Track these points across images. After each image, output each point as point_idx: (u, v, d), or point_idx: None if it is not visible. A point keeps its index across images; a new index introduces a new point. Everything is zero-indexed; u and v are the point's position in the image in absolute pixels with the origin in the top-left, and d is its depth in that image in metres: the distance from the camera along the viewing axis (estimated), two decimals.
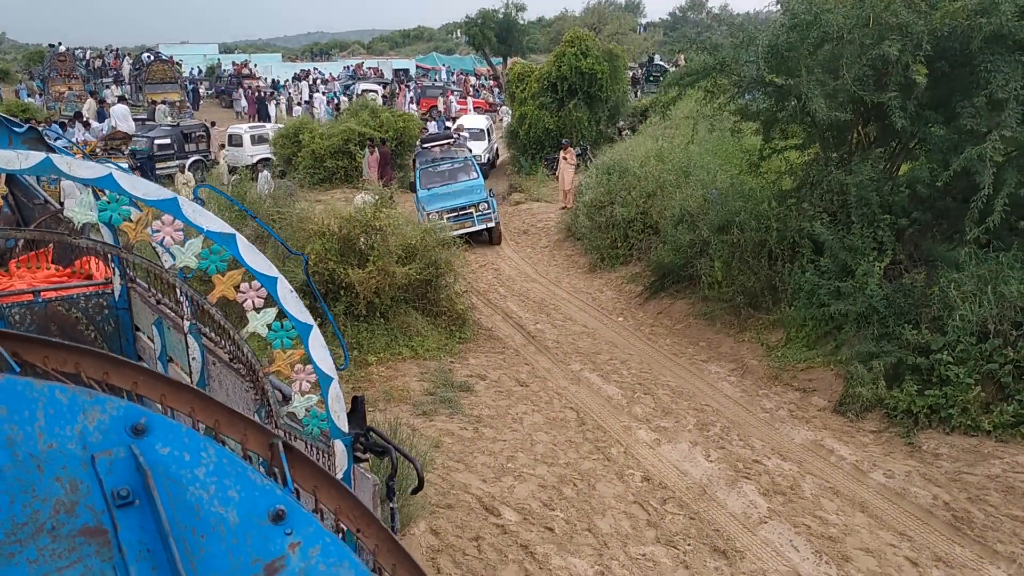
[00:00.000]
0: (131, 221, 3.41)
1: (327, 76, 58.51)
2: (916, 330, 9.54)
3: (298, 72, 59.06)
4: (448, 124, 36.35)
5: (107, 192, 3.30)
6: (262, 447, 1.63)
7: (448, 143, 21.73)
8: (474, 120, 30.64)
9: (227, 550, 1.40)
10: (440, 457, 8.91)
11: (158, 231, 3.42)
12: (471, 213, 18.61)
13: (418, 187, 19.64)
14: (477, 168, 20.34)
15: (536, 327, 13.70)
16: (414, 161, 21.11)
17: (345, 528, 1.64)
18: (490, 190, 19.67)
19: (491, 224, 19.00)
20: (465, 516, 7.90)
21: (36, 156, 3.14)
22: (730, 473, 8.66)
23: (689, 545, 7.44)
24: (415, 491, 3.54)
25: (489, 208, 18.85)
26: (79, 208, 3.30)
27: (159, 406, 1.65)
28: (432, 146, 21.41)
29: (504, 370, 11.75)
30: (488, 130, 28.91)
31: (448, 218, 17.69)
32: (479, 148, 26.25)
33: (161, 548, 1.34)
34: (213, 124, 30.08)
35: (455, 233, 16.40)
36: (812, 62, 10.22)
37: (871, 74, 10.32)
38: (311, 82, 53.04)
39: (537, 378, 11.44)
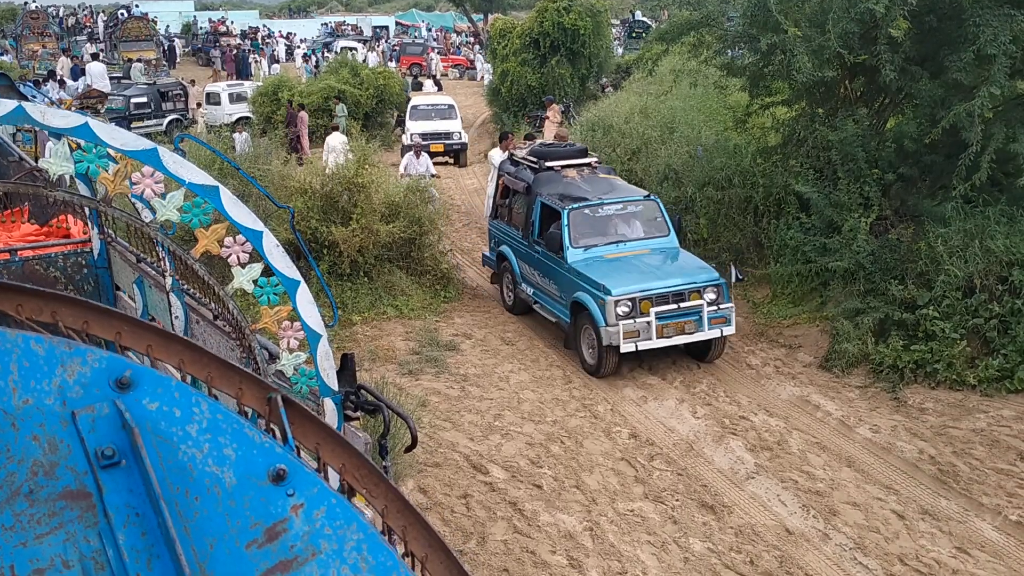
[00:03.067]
0: (109, 173, 3.29)
1: (276, 34, 57.12)
2: (902, 285, 9.54)
3: (245, 29, 57.62)
4: (423, 81, 35.74)
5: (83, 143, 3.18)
6: (259, 402, 1.54)
7: (589, 164, 11.90)
8: (434, 98, 23.91)
9: (224, 513, 1.30)
10: (427, 416, 8.86)
11: (137, 184, 3.31)
12: (698, 308, 9.66)
13: (567, 242, 10.35)
14: (666, 215, 10.95)
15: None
16: (528, 187, 11.48)
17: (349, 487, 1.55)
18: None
19: (728, 329, 9.88)
20: (453, 474, 7.89)
21: (7, 104, 3.01)
22: (717, 429, 8.67)
23: (677, 501, 7.46)
24: (409, 449, 3.47)
25: (724, 299, 9.87)
26: (53, 159, 3.18)
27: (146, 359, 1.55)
28: (563, 167, 11.55)
29: (489, 329, 11.68)
30: (454, 107, 23.09)
31: (657, 315, 9.53)
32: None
33: (151, 512, 1.24)
34: (192, 83, 29.55)
35: (663, 344, 9.70)
36: (799, 15, 10.05)
37: (857, 30, 10.18)
38: (285, 38, 52.25)
39: (523, 336, 11.39)
